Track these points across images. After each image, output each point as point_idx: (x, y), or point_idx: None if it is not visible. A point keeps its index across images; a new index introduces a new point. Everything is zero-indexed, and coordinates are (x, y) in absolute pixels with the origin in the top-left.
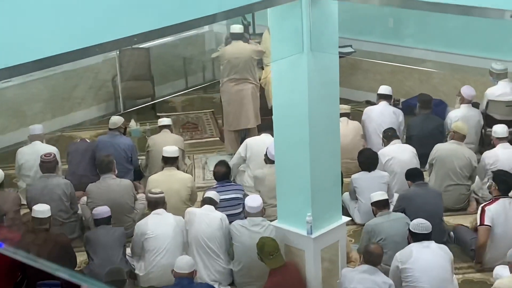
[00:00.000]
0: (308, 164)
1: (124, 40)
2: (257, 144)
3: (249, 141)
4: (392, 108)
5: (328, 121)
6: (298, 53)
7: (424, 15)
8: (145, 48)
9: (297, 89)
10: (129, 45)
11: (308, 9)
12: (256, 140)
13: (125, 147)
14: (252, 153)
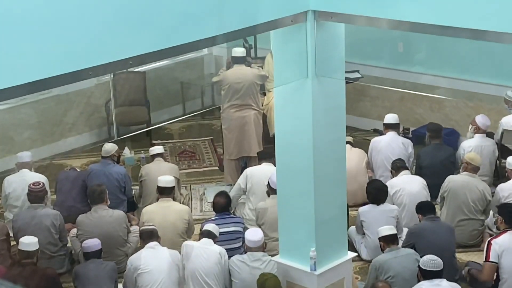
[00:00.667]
0: (312, 194)
1: (118, 63)
2: (258, 174)
3: (250, 171)
4: (401, 139)
5: (333, 150)
6: (302, 78)
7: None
8: (141, 72)
9: (301, 116)
10: (123, 68)
11: (313, 31)
12: (256, 170)
13: (118, 176)
14: (253, 184)
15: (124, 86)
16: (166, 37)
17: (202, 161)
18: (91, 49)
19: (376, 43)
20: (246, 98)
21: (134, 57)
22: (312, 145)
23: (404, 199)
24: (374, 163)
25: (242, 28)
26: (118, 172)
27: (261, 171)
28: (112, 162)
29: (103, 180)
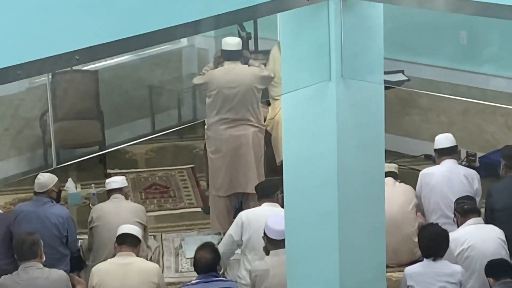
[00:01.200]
0: (337, 250)
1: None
2: (258, 220)
3: (246, 217)
4: (463, 169)
5: (367, 185)
6: (323, 82)
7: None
8: (91, 72)
9: (321, 135)
10: (67, 66)
11: (339, 15)
12: (256, 215)
13: (58, 220)
14: (251, 235)
15: (68, 91)
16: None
17: (179, 199)
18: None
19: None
20: (242, 110)
21: (81, 50)
22: (337, 178)
23: (474, 262)
24: (426, 204)
25: (237, 9)
26: (58, 215)
27: (262, 216)
28: (49, 200)
29: (36, 226)
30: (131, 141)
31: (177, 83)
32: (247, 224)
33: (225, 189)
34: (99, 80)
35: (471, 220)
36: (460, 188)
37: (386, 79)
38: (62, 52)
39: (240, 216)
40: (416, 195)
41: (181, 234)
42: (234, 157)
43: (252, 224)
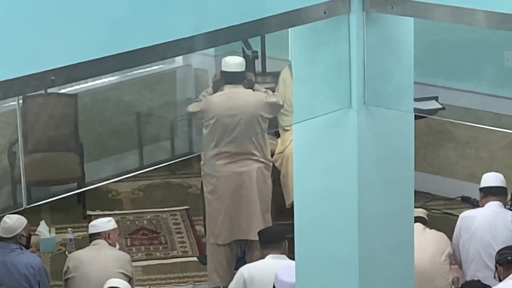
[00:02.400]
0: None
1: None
2: (262, 276)
3: (248, 273)
4: (510, 214)
5: (393, 231)
6: (342, 109)
7: None
8: (69, 95)
9: (339, 171)
10: (41, 88)
11: (362, 30)
12: (259, 270)
13: (29, 271)
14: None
15: (42, 118)
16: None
17: (171, 247)
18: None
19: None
20: (245, 142)
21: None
22: (357, 222)
23: None
24: (464, 253)
25: (241, 23)
26: (28, 265)
27: (267, 272)
28: (17, 247)
29: (2, 277)
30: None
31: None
32: (250, 282)
33: (225, 236)
34: (78, 105)
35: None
36: (506, 235)
37: (416, 107)
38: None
39: (241, 272)
40: (452, 243)
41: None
42: (235, 198)
43: (256, 283)
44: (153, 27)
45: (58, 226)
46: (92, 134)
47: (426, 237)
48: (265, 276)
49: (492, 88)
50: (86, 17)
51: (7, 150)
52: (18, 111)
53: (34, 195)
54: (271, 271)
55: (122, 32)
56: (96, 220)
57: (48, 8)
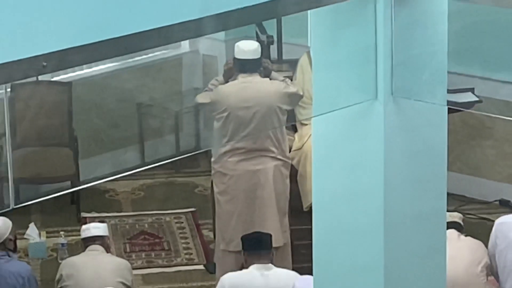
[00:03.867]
0: None
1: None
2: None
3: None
4: None
5: (424, 237)
6: (367, 101)
7: None
8: (63, 84)
9: (363, 168)
10: (31, 75)
11: (390, 13)
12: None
13: (17, 281)
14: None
15: (32, 109)
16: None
17: (174, 253)
18: None
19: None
20: (261, 137)
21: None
22: (383, 226)
23: None
24: (501, 265)
25: (254, 4)
26: (17, 273)
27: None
28: (5, 253)
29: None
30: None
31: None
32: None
33: (238, 241)
34: (73, 94)
35: None
36: None
37: (450, 100)
38: (25, 57)
39: (222, 282)
40: (489, 252)
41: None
42: (249, 199)
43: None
44: (155, 7)
45: (49, 229)
46: (87, 127)
47: (460, 244)
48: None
49: None
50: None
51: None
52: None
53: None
54: (257, 282)
55: (122, 13)
56: (90, 224)
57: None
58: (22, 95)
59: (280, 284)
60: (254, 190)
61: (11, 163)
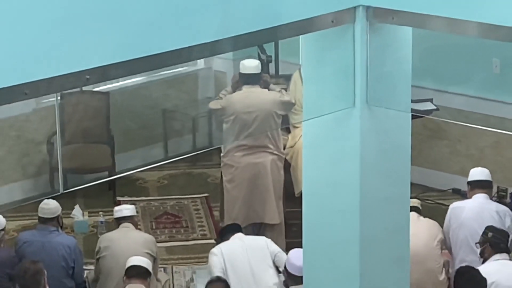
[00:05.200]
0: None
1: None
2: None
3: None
4: (495, 205)
5: (391, 217)
6: (347, 108)
7: None
8: (103, 93)
9: (343, 163)
10: (77, 86)
11: (365, 38)
12: None
13: (65, 250)
14: None
15: (77, 113)
16: (141, 41)
17: (191, 230)
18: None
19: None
20: (261, 136)
21: (92, 70)
22: (359, 209)
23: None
24: (454, 240)
25: (257, 30)
26: (65, 245)
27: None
28: (55, 229)
29: (41, 255)
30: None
31: (192, 107)
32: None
33: (242, 220)
34: (110, 102)
35: (496, 255)
36: (491, 224)
37: (413, 108)
38: (72, 71)
39: (216, 250)
40: (444, 230)
41: (193, 267)
42: (251, 186)
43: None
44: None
45: (90, 210)
46: (122, 128)
47: (420, 224)
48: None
49: (481, 91)
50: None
51: (46, 141)
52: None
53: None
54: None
55: (151, 36)
56: (121, 206)
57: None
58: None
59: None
60: (255, 179)
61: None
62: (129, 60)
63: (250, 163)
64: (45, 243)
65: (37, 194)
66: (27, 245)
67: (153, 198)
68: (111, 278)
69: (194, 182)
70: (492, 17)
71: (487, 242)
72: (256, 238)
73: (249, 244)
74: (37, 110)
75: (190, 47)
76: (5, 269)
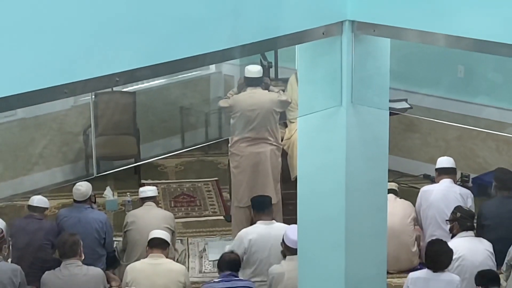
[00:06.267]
0: (343, 253)
1: (101, 80)
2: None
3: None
4: (458, 188)
5: (372, 198)
6: (334, 106)
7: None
8: (130, 93)
9: (332, 154)
10: (108, 87)
11: (351, 48)
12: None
13: (98, 224)
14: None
15: (108, 109)
16: (163, 49)
17: (204, 208)
18: (67, 60)
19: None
20: (262, 130)
21: (121, 73)
22: (345, 191)
23: (464, 271)
24: (424, 218)
25: (260, 40)
26: (98, 219)
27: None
28: (89, 206)
29: (78, 229)
30: (163, 155)
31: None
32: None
33: (245, 200)
34: (136, 100)
35: (463, 233)
36: (455, 204)
37: (391, 106)
38: (104, 74)
39: (240, 235)
40: (416, 210)
41: (205, 239)
42: (254, 172)
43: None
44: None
45: (119, 191)
46: (146, 122)
47: (396, 204)
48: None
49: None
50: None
51: (82, 133)
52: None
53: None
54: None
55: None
56: (145, 187)
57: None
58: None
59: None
60: (257, 165)
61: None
62: (153, 65)
63: (253, 152)
64: (81, 218)
65: (74, 177)
66: (66, 220)
67: (171, 181)
68: (137, 248)
69: (206, 168)
70: (458, 30)
71: (456, 221)
72: (280, 225)
73: (273, 232)
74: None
75: (204, 54)
76: (49, 237)
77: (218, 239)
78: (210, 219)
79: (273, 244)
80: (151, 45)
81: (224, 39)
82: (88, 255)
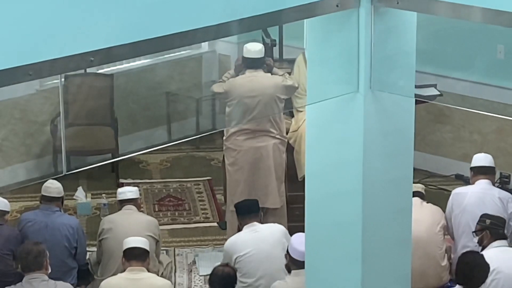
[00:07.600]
0: (359, 263)
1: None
2: None
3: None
4: (497, 191)
5: (394, 201)
6: (350, 93)
7: None
8: (107, 75)
9: (346, 149)
10: (80, 68)
11: (370, 23)
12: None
13: (68, 231)
14: None
15: (81, 95)
16: (146, 23)
17: (194, 213)
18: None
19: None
20: (263, 120)
21: (96, 52)
22: (362, 193)
23: (500, 285)
24: (456, 226)
25: (262, 14)
26: (68, 225)
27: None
28: (58, 209)
29: (44, 236)
30: (146, 149)
31: (196, 90)
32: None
33: None
34: (114, 84)
35: (496, 242)
36: (494, 210)
37: (417, 93)
38: (76, 53)
39: (225, 247)
40: (446, 216)
41: (195, 249)
42: (253, 170)
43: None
44: (183, 14)
45: (93, 192)
46: (125, 110)
47: (423, 210)
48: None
49: (485, 77)
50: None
51: (49, 123)
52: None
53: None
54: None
55: (155, 18)
56: (125, 188)
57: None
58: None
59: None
60: (257, 162)
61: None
62: (133, 42)
63: (252, 147)
64: (48, 223)
65: (40, 175)
66: (30, 225)
67: (156, 180)
68: (114, 260)
69: (197, 165)
70: (497, 3)
71: (486, 230)
72: (270, 226)
73: (261, 235)
74: (41, 91)
75: (194, 30)
76: (10, 246)
77: (211, 250)
78: (201, 226)
79: (267, 250)
80: (131, 19)
81: (218, 12)
82: (56, 268)
